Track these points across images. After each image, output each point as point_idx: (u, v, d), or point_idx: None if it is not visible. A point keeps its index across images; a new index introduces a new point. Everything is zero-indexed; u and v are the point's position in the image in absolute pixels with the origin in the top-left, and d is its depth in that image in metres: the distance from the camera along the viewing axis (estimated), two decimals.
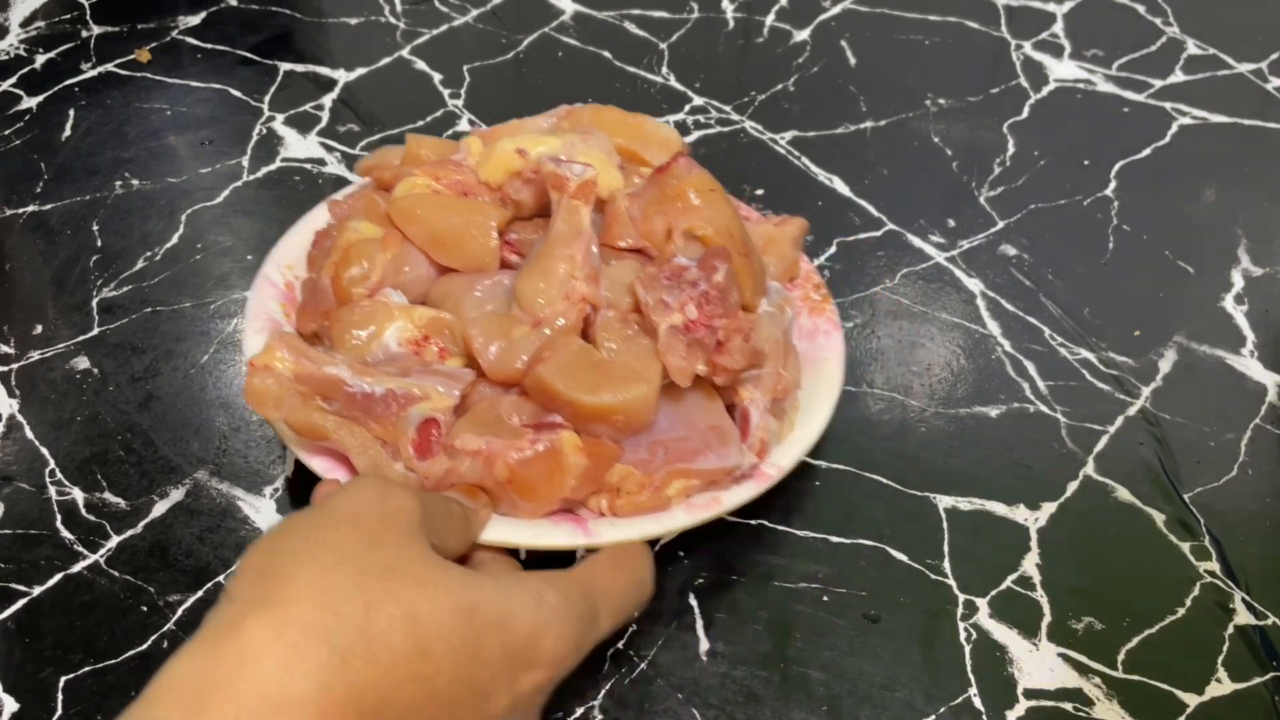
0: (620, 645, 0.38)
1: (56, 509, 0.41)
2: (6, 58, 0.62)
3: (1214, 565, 0.41)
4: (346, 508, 0.32)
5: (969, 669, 0.38)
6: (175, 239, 0.52)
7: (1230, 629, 0.39)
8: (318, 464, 0.38)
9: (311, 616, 0.28)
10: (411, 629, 0.29)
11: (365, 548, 0.31)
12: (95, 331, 0.48)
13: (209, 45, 0.64)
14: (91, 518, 0.41)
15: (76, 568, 0.40)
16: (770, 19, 0.66)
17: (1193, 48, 0.65)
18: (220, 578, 0.39)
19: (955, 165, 0.57)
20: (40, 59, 0.62)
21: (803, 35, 0.65)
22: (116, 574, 0.39)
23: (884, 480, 0.43)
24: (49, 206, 0.53)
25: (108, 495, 0.42)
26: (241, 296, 0.49)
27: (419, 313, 0.41)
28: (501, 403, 0.40)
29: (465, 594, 0.31)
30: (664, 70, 0.62)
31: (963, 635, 0.39)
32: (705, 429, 0.40)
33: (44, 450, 0.43)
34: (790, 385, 0.42)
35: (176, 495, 0.42)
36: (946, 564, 0.40)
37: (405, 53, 0.63)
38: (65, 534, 0.41)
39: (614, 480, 0.39)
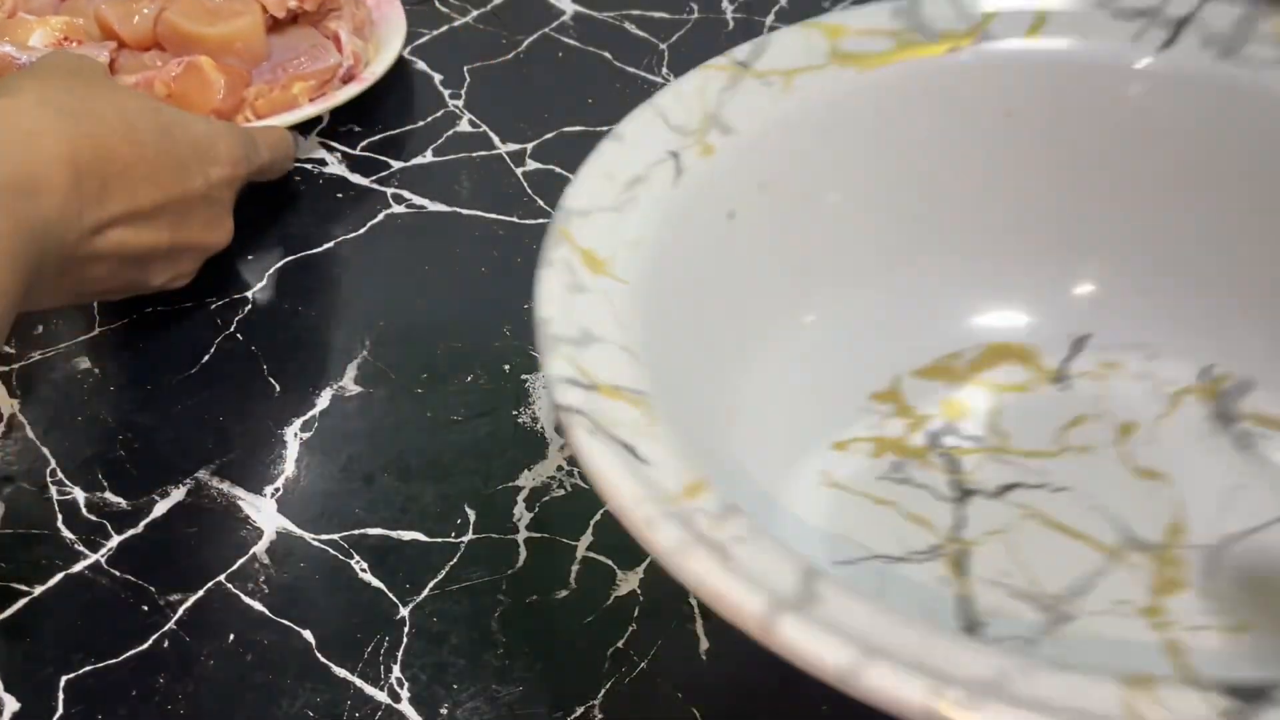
0: (620, 645, 0.38)
1: (57, 509, 0.41)
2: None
3: None
4: (43, 60, 0.43)
5: None
6: None
7: None
8: None
9: (41, 97, 0.38)
10: (118, 109, 0.40)
11: (68, 72, 0.41)
12: (95, 331, 0.48)
13: None
14: (92, 517, 0.41)
15: (77, 567, 0.40)
16: (770, 19, 0.66)
17: None
18: (220, 577, 0.39)
19: None
20: None
21: None
22: (117, 574, 0.39)
23: None
24: None
25: (108, 495, 0.42)
26: (242, 296, 0.49)
27: (55, 20, 0.54)
28: (144, 58, 0.53)
29: (151, 100, 0.43)
30: (664, 71, 0.62)
31: None
32: (308, 48, 0.56)
33: (45, 450, 0.43)
34: (365, 19, 0.60)
35: (177, 495, 0.42)
36: None
37: (405, 53, 0.63)
38: (66, 534, 0.41)
39: (251, 97, 0.53)
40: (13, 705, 0.36)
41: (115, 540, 0.40)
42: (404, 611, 0.39)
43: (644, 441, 0.25)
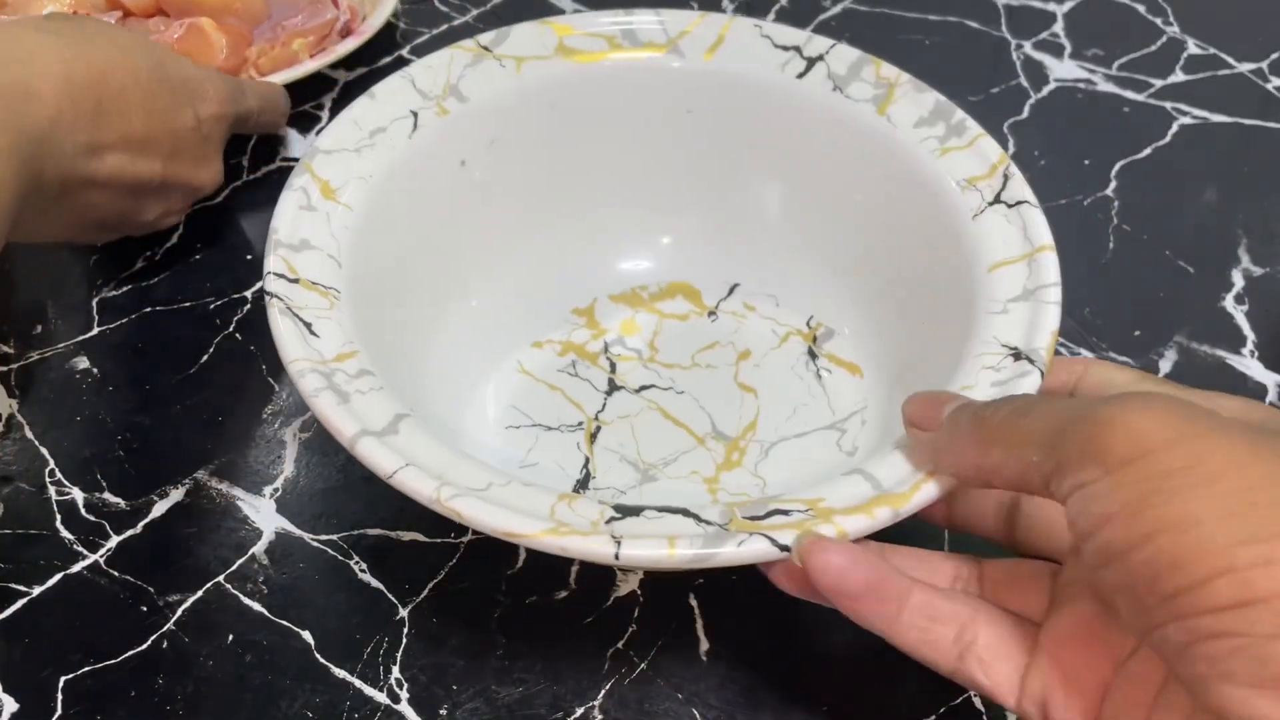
0: (620, 645, 0.38)
1: (56, 509, 0.41)
2: None
3: None
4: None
5: None
6: (175, 239, 0.52)
7: None
8: None
9: (38, 25, 0.40)
10: (111, 39, 0.42)
11: (65, 15, 0.43)
12: (95, 331, 0.48)
13: None
14: (91, 518, 0.41)
15: (76, 568, 0.40)
16: (770, 18, 0.66)
17: (1193, 48, 0.65)
18: (220, 577, 0.39)
19: None
20: None
21: None
22: (116, 574, 0.39)
23: None
24: None
25: (108, 495, 0.42)
26: (241, 296, 0.49)
27: None
28: (147, 25, 0.56)
29: (145, 38, 0.44)
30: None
31: None
32: (305, 5, 0.59)
33: (44, 450, 0.43)
34: None
35: (176, 495, 0.42)
36: None
37: (405, 52, 0.63)
38: (65, 534, 0.41)
39: (253, 56, 0.56)
40: (12, 706, 0.36)
41: (114, 540, 0.40)
42: (403, 612, 0.39)
43: (320, 322, 0.35)
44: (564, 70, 0.43)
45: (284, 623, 0.38)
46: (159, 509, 0.41)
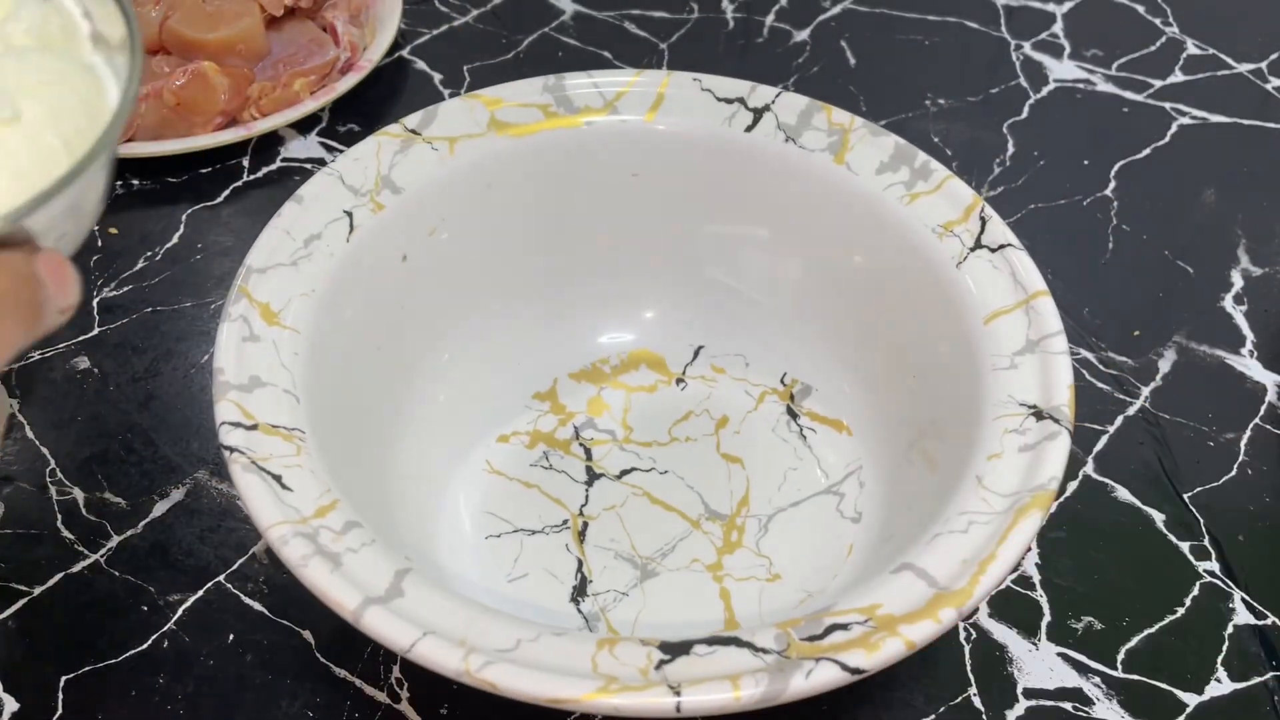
0: None
1: (57, 509, 0.41)
2: None
3: (1214, 565, 0.41)
4: None
5: (968, 668, 0.38)
6: (175, 239, 0.52)
7: (1230, 629, 0.39)
8: None
9: None
10: None
11: None
12: (95, 331, 0.48)
13: None
14: (92, 517, 0.41)
15: (77, 567, 0.40)
16: (770, 19, 0.66)
17: (1192, 48, 0.65)
18: (220, 577, 0.39)
19: (955, 165, 0.57)
20: None
21: (803, 35, 0.65)
22: (117, 574, 0.39)
23: None
24: None
25: (108, 495, 0.42)
26: None
27: None
28: (151, 63, 0.55)
29: None
30: (664, 70, 0.62)
31: (962, 635, 0.39)
32: (307, 42, 0.58)
33: (44, 450, 0.43)
34: (361, 6, 0.60)
35: (177, 495, 0.42)
36: None
37: (405, 53, 0.63)
38: (65, 534, 0.41)
39: (255, 95, 0.55)
40: (13, 705, 0.36)
41: (114, 540, 0.40)
42: None
43: (290, 472, 0.31)
44: (498, 147, 0.41)
45: (285, 622, 0.38)
46: (159, 509, 0.41)
